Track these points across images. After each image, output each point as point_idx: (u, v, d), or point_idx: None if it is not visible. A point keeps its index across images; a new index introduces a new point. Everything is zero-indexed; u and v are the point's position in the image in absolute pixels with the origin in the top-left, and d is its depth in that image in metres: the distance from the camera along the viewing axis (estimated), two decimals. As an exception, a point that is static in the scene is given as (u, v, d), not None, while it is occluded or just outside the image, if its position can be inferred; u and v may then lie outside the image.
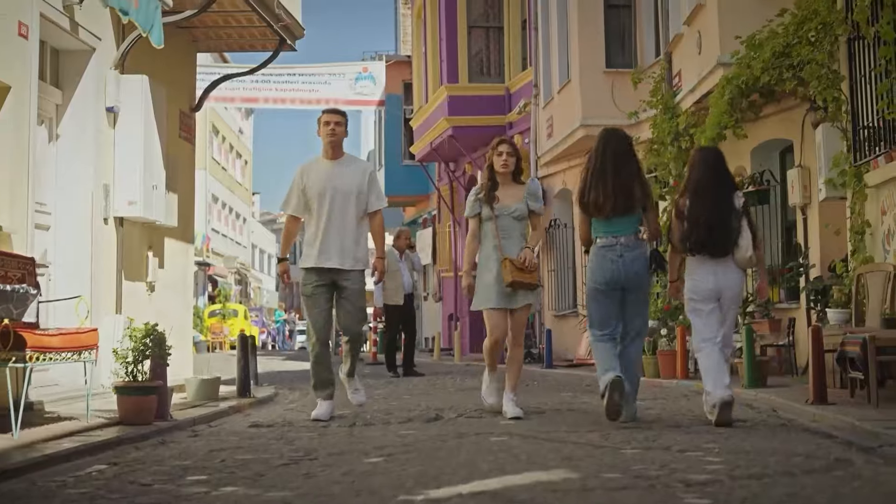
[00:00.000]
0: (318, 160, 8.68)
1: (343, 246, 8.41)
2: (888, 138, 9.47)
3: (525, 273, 8.04)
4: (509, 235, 8.15)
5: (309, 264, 8.45)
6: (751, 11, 12.82)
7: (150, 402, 7.64)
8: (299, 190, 8.56)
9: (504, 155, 8.24)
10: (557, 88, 19.17)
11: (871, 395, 8.33)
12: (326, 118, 8.58)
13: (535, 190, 8.43)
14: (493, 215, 8.16)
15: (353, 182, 8.49)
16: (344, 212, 8.43)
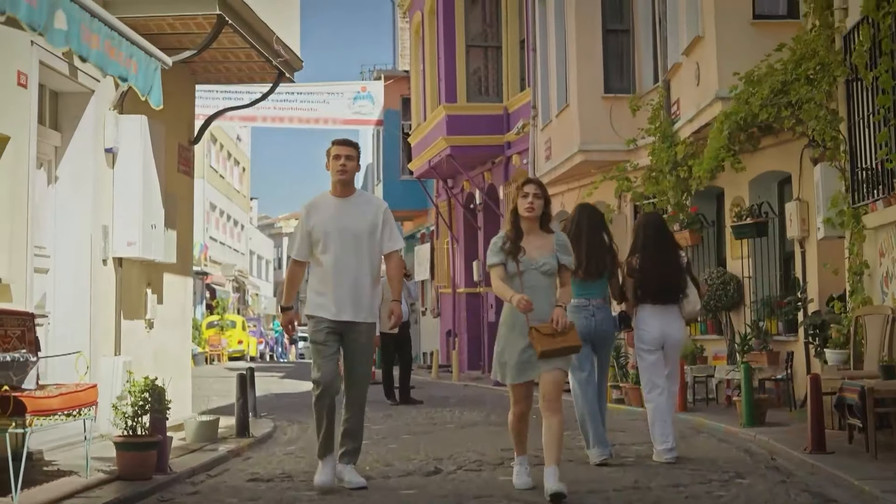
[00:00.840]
0: (325, 197, 7.86)
1: (357, 295, 7.64)
2: (886, 182, 9.48)
3: (558, 339, 6.87)
4: (536, 294, 6.97)
5: (321, 314, 7.66)
6: (749, 45, 12.86)
7: (149, 458, 7.65)
8: (305, 231, 7.76)
9: (530, 197, 7.12)
10: (556, 112, 19.17)
11: (869, 445, 8.35)
12: (337, 151, 7.77)
13: (566, 241, 7.25)
14: (518, 270, 7.04)
15: (366, 221, 7.71)
16: (357, 255, 7.66)
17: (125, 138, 10.38)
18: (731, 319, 14.56)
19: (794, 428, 10.40)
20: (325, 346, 7.61)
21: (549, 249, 7.11)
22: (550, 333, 6.87)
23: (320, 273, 7.75)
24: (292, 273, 7.97)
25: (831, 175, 11.05)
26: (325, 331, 7.62)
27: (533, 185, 7.24)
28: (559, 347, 6.89)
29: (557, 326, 6.88)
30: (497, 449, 9.51)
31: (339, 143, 7.88)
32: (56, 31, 6.01)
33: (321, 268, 7.74)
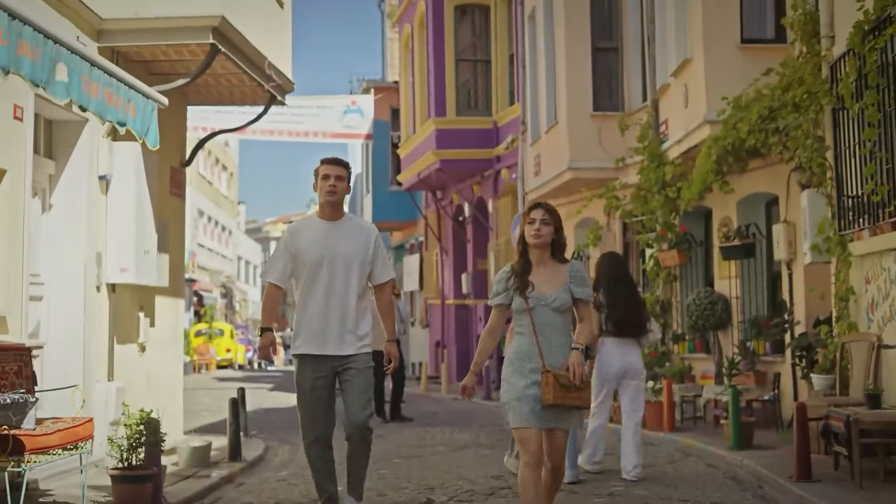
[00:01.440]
0: (312, 220, 7.37)
1: (344, 326, 7.07)
2: (872, 213, 9.61)
3: (572, 394, 6.12)
4: (550, 332, 6.23)
5: (303, 350, 7.11)
6: (737, 69, 13.00)
7: (145, 489, 7.73)
8: (288, 255, 7.17)
9: (537, 223, 6.27)
10: (545, 129, 19.30)
11: (854, 474, 8.47)
12: (326, 170, 7.20)
13: (580, 272, 6.39)
14: (527, 307, 6.23)
15: (356, 248, 7.18)
16: (345, 283, 7.11)
17: (119, 165, 10.47)
18: (718, 339, 14.70)
19: (780, 452, 10.53)
20: (311, 396, 7.10)
21: (561, 283, 6.27)
22: (566, 385, 6.09)
23: (306, 304, 7.15)
24: (269, 296, 7.22)
25: (818, 201, 11.19)
26: (311, 377, 7.08)
27: (540, 210, 6.36)
28: (570, 405, 6.16)
29: (575, 379, 6.11)
30: (488, 476, 9.62)
31: (329, 162, 7.29)
32: (58, 84, 6.10)
33: (306, 298, 7.15)
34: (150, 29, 10.30)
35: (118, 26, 10.22)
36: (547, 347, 6.19)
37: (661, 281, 16.02)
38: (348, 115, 24.10)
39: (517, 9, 21.73)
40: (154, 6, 10.26)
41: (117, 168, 10.46)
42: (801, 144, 11.15)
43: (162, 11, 10.23)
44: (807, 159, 11.17)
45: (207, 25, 10.25)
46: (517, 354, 6.28)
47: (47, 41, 5.90)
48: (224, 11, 10.40)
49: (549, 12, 19.16)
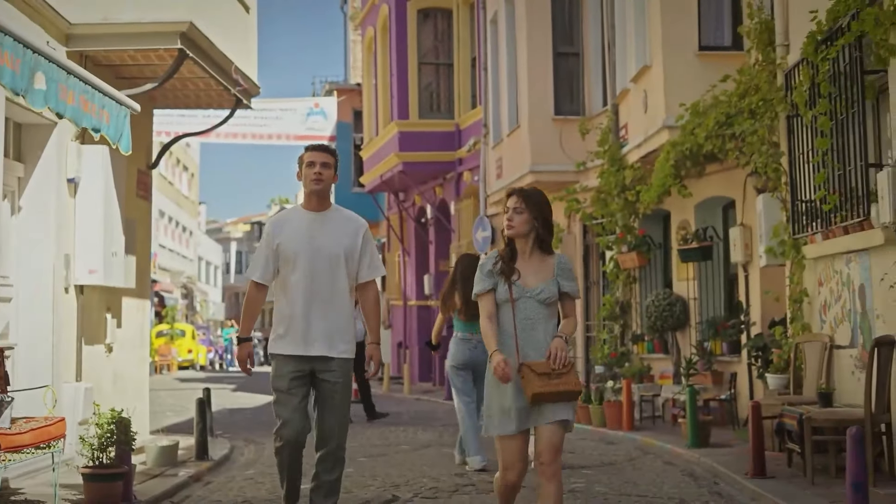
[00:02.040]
0: (295, 211, 6.90)
1: (330, 327, 6.65)
2: (824, 218, 9.90)
3: (554, 380, 5.59)
4: (533, 326, 5.77)
5: (286, 351, 6.68)
6: (695, 76, 13.30)
7: (116, 488, 7.88)
8: (270, 250, 6.73)
9: (510, 212, 5.91)
10: (507, 132, 19.55)
11: (806, 470, 8.76)
12: (311, 157, 6.77)
13: (568, 265, 5.98)
14: (510, 297, 5.79)
15: (342, 241, 6.72)
16: (331, 279, 6.67)
17: (87, 168, 10.58)
18: (676, 339, 14.99)
19: (736, 450, 10.81)
20: (289, 395, 6.63)
21: (549, 274, 5.86)
22: (545, 373, 5.56)
23: (287, 300, 6.70)
24: (251, 299, 6.80)
25: (773, 206, 11.48)
26: (288, 376, 6.63)
27: (514, 198, 5.91)
28: (555, 391, 5.57)
29: (555, 364, 5.61)
30: (451, 474, 9.82)
31: (315, 148, 6.87)
32: (36, 92, 6.25)
33: (287, 294, 6.69)
34: (118, 34, 10.45)
35: (87, 31, 10.35)
36: (528, 343, 5.70)
37: (621, 283, 16.31)
38: (311, 118, 24.25)
39: (479, 13, 21.98)
40: (123, 11, 10.41)
41: (85, 171, 10.57)
42: (757, 150, 11.45)
43: (131, 17, 10.39)
44: (762, 165, 11.46)
45: (176, 31, 10.41)
46: None
47: (26, 51, 6.05)
48: (192, 17, 10.55)
49: (510, 17, 19.41)
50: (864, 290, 9.29)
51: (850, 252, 9.52)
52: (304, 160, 6.82)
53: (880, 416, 8.64)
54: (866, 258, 9.18)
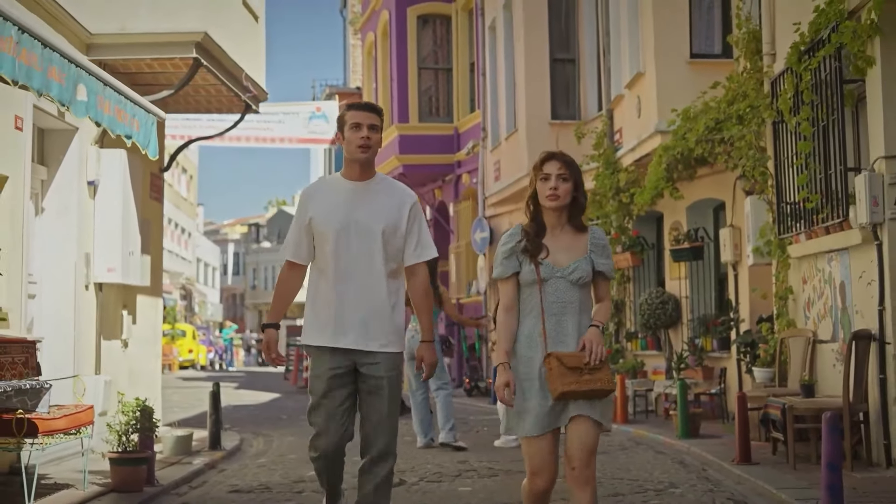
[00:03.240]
0: (335, 181, 5.91)
1: (368, 315, 5.66)
2: (808, 218, 10.43)
3: (585, 376, 4.90)
4: (564, 310, 5.04)
5: (317, 341, 5.74)
6: (686, 82, 13.84)
7: (140, 472, 8.40)
8: (303, 224, 5.80)
9: (552, 179, 5.09)
10: (505, 135, 20.09)
11: (789, 457, 9.31)
12: (356, 117, 5.76)
13: (604, 240, 5.23)
14: (537, 278, 5.03)
15: (388, 215, 5.74)
16: (371, 258, 5.69)
17: (106, 171, 11.10)
18: (669, 336, 15.53)
19: (725, 440, 11.35)
20: (325, 399, 5.69)
21: (582, 251, 5.11)
22: (576, 367, 4.89)
23: (320, 282, 5.78)
24: (284, 280, 5.92)
25: (760, 207, 12.01)
26: (326, 375, 5.67)
27: (556, 163, 5.14)
28: (586, 389, 4.88)
29: (590, 357, 4.92)
30: (454, 462, 10.36)
31: (359, 107, 5.84)
32: (79, 103, 6.78)
33: (321, 275, 5.79)
34: (136, 43, 10.95)
35: (106, 41, 10.85)
36: (557, 331, 5.01)
37: (615, 282, 16.85)
38: (313, 121, 24.74)
39: (478, 20, 22.52)
40: (140, 22, 10.92)
41: (104, 174, 11.09)
42: (745, 154, 11.99)
43: (148, 27, 10.89)
44: (750, 168, 12.00)
45: (191, 41, 10.92)
46: (523, 345, 5.05)
47: (70, 65, 6.59)
48: (206, 27, 11.07)
49: (508, 24, 19.96)
50: (844, 287, 9.83)
51: (831, 251, 10.06)
52: (347, 121, 5.76)
53: (858, 405, 9.19)
54: (846, 257, 9.72)
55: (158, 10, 11.02)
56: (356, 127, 5.72)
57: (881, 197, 8.83)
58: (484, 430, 13.79)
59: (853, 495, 7.58)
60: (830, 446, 7.14)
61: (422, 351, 5.83)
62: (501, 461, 10.34)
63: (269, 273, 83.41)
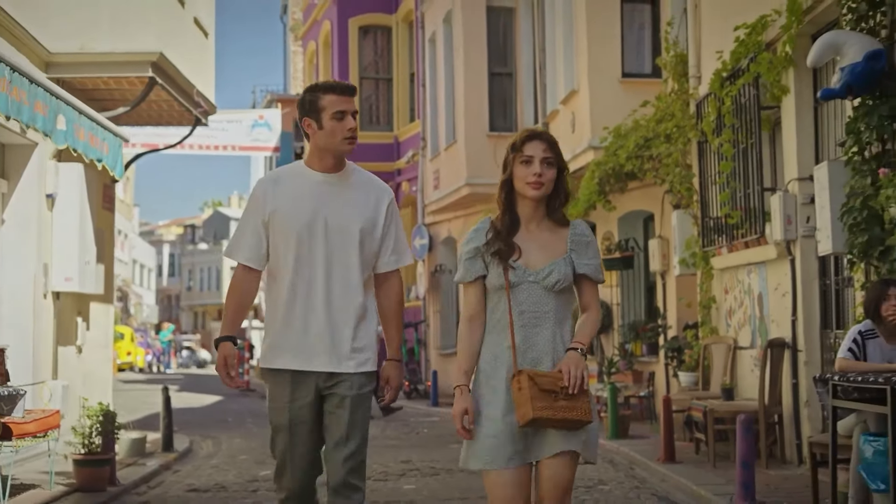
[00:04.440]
0: (299, 170, 4.93)
1: (338, 330, 4.79)
2: (729, 233, 11.18)
3: (560, 402, 4.08)
4: (537, 321, 4.22)
5: (278, 363, 4.82)
6: (618, 101, 14.56)
7: (104, 473, 8.92)
8: (261, 221, 4.85)
9: (536, 163, 4.22)
10: (444, 146, 20.74)
11: (710, 455, 10.04)
12: (339, 103, 4.77)
13: (587, 236, 4.37)
14: (506, 282, 4.22)
15: (361, 214, 4.85)
16: (342, 267, 4.81)
17: (63, 184, 11.52)
18: (601, 342, 16.26)
19: (652, 440, 12.06)
20: (289, 434, 4.79)
21: (560, 250, 4.29)
22: (550, 390, 4.07)
23: (280, 293, 4.84)
24: (239, 287, 4.92)
25: (685, 221, 12.76)
26: (286, 409, 4.79)
27: (541, 143, 4.28)
28: (560, 418, 4.08)
29: (568, 382, 4.08)
30: (398, 461, 10.96)
31: (341, 90, 4.84)
32: (58, 132, 7.30)
33: (281, 284, 4.83)
34: (94, 62, 11.42)
35: (65, 59, 11.30)
36: (528, 345, 4.20)
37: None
38: (256, 129, 25.19)
39: (418, 32, 23.13)
40: (98, 42, 11.39)
41: (62, 187, 11.52)
42: (672, 171, 12.73)
43: (106, 47, 11.36)
44: (676, 184, 12.73)
45: (147, 60, 11.42)
46: (486, 361, 4.27)
47: (52, 97, 7.10)
48: (161, 47, 11.57)
49: (448, 38, 20.61)
50: (761, 298, 10.58)
51: (750, 264, 10.81)
52: (326, 107, 4.76)
53: (773, 408, 9.94)
54: (763, 270, 10.48)
55: (116, 31, 11.50)
56: (339, 116, 4.74)
57: (794, 216, 9.57)
58: (424, 432, 14.41)
59: (766, 490, 8.30)
60: (744, 446, 7.86)
61: (388, 370, 4.93)
62: (442, 461, 10.96)
63: (205, 274, 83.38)
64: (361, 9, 25.15)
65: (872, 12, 7.77)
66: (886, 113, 7.52)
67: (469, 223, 19.61)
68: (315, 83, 4.98)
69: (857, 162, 7.80)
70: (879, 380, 6.01)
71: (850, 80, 7.44)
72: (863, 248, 7.62)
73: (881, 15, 7.76)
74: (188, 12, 13.34)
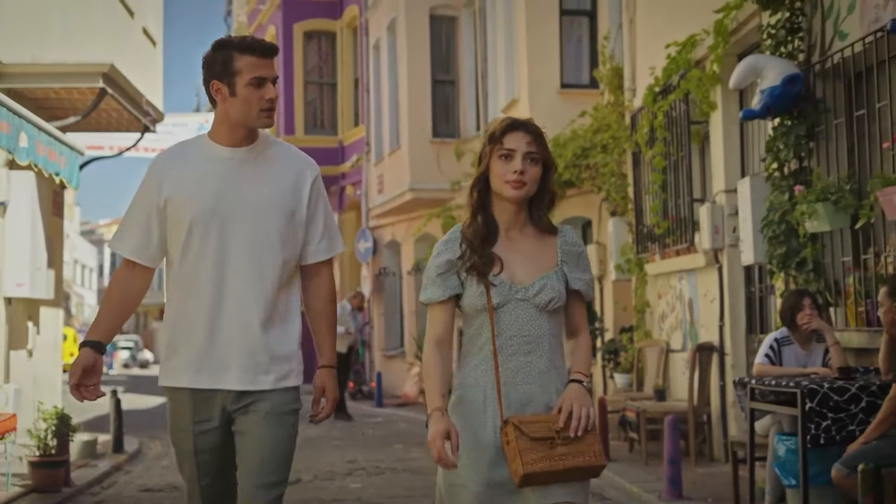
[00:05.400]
0: (200, 147, 4.07)
1: (252, 337, 3.98)
2: (661, 240, 11.68)
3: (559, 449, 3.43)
4: (529, 348, 3.56)
5: (177, 381, 4.06)
6: (557, 110, 14.98)
7: (59, 474, 9.23)
8: (154, 208, 4.03)
9: (518, 158, 3.56)
10: (388, 151, 21.13)
11: (643, 454, 10.53)
12: (259, 68, 3.91)
13: (578, 246, 3.75)
14: (488, 303, 3.57)
15: (283, 195, 4.04)
16: (258, 261, 3.99)
17: (15, 192, 11.76)
18: (540, 344, 16.71)
19: (588, 440, 12.53)
20: (198, 464, 4.06)
21: (550, 262, 3.65)
22: (545, 437, 3.43)
23: (181, 295, 4.04)
24: (120, 286, 4.10)
25: (621, 228, 13.26)
26: (190, 432, 4.06)
27: (524, 136, 3.60)
28: (562, 469, 3.43)
29: (574, 427, 3.45)
30: (344, 461, 11.35)
31: (260, 50, 3.93)
32: (21, 150, 7.61)
33: (182, 284, 4.03)
34: (45, 73, 11.68)
35: (18, 70, 11.53)
36: (517, 380, 3.55)
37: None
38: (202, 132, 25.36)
39: (362, 38, 23.51)
40: (50, 53, 11.66)
41: (14, 195, 11.76)
42: (608, 180, 13.22)
43: (57, 58, 11.64)
44: (613, 192, 13.23)
45: (98, 71, 11.70)
46: (463, 398, 3.62)
47: (14, 116, 7.41)
48: (112, 58, 11.87)
49: (392, 45, 21.00)
50: (692, 303, 11.09)
51: (681, 271, 11.31)
52: (242, 70, 3.90)
53: (702, 408, 10.45)
54: (693, 277, 10.98)
55: (67, 42, 11.78)
56: (259, 82, 3.90)
57: (721, 226, 10.08)
58: (369, 433, 14.79)
59: (693, 487, 8.79)
60: (671, 445, 8.35)
61: (323, 378, 4.12)
62: (387, 461, 11.36)
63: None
64: (306, 14, 25.47)
65: (791, 37, 8.27)
66: (803, 133, 8.04)
67: (412, 227, 20.03)
68: (227, 37, 4.03)
69: (777, 178, 8.32)
70: (791, 384, 6.50)
71: (769, 102, 7.94)
72: (781, 259, 8.13)
73: (799, 40, 8.27)
74: (137, 22, 13.64)
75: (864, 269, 7.63)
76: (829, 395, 6.25)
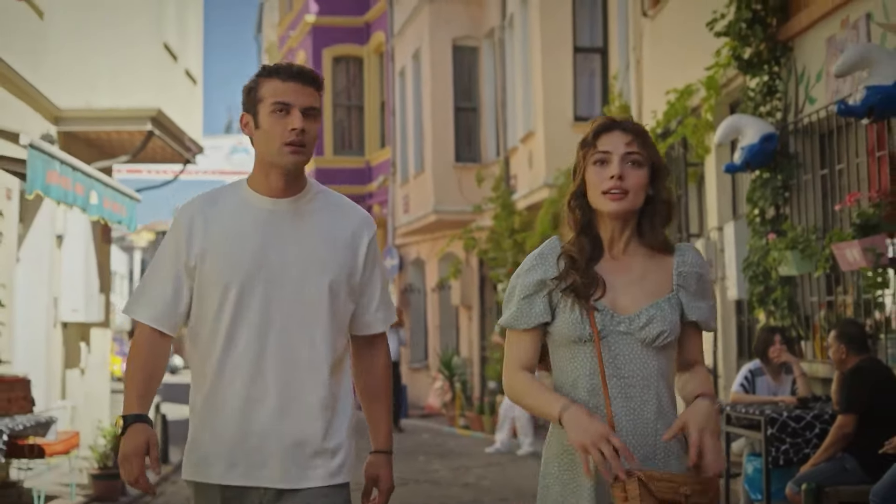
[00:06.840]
0: (238, 196, 3.43)
1: (298, 426, 3.35)
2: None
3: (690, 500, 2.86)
4: (636, 391, 3.01)
5: (208, 476, 3.37)
6: (570, 143, 15.67)
7: (117, 485, 10.33)
8: (182, 266, 3.41)
9: (615, 162, 3.06)
10: (413, 173, 22.21)
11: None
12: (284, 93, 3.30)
13: (699, 268, 3.14)
14: (592, 332, 3.02)
15: (332, 255, 3.42)
16: (305, 330, 3.37)
17: (71, 226, 12.92)
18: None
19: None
20: None
21: (662, 287, 3.10)
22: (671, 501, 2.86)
23: (210, 371, 3.39)
24: (146, 356, 3.41)
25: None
26: None
27: (622, 136, 3.11)
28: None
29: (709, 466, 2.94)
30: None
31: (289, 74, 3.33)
32: (92, 206, 8.70)
33: (212, 359, 3.38)
34: (98, 117, 12.81)
35: (73, 115, 12.68)
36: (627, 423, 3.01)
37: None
38: (235, 155, 26.49)
39: (388, 64, 24.60)
40: (103, 99, 12.79)
41: (69, 228, 12.91)
42: (615, 212, 14.19)
43: (109, 104, 12.76)
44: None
45: (147, 115, 12.82)
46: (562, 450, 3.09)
47: (87, 178, 8.51)
48: (159, 103, 12.98)
49: (417, 72, 22.08)
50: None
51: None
52: (265, 97, 3.33)
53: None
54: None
55: (117, 88, 12.92)
56: (282, 108, 3.30)
57: (715, 260, 11.07)
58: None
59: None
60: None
61: (377, 466, 3.53)
62: (409, 472, 12.36)
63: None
64: (334, 40, 26.59)
65: (769, 98, 9.28)
66: (779, 184, 9.05)
67: (436, 247, 21.11)
68: (263, 65, 3.48)
69: (757, 223, 9.32)
70: (757, 412, 7.50)
71: (748, 158, 8.95)
72: (760, 296, 9.14)
73: (777, 100, 9.28)
74: (180, 65, 14.76)
75: (831, 308, 8.62)
76: (787, 423, 7.26)
